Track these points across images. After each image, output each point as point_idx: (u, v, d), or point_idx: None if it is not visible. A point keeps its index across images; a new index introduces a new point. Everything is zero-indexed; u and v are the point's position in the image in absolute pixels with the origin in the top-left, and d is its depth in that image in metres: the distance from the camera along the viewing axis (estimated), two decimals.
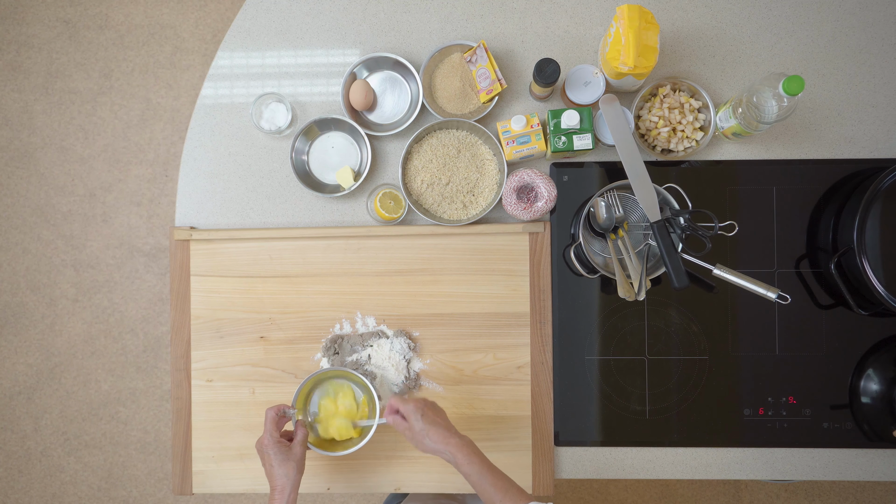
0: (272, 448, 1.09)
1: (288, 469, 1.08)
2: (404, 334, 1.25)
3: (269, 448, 1.09)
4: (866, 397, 1.23)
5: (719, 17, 1.27)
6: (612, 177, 1.26)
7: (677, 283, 1.14)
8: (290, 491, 1.07)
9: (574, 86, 1.22)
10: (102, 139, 2.19)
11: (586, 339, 1.26)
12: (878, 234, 1.16)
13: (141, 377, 2.18)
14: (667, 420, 1.25)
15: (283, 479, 1.07)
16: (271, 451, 1.09)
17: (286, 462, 1.08)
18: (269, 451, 1.09)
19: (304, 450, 1.12)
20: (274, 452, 1.08)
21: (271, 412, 1.12)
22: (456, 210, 1.25)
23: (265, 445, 1.09)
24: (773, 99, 1.07)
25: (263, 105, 1.27)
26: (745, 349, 1.25)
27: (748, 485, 2.09)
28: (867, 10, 1.26)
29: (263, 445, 1.10)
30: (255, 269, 1.27)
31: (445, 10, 1.29)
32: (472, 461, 1.03)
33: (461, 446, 1.04)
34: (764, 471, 1.26)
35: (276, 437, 1.10)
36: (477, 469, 1.02)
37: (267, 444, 1.09)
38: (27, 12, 2.21)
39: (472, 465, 1.03)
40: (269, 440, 1.10)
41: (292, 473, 1.08)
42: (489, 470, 1.02)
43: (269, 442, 1.09)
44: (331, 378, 1.22)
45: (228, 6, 2.20)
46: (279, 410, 1.13)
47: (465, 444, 1.05)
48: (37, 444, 2.19)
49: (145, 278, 2.18)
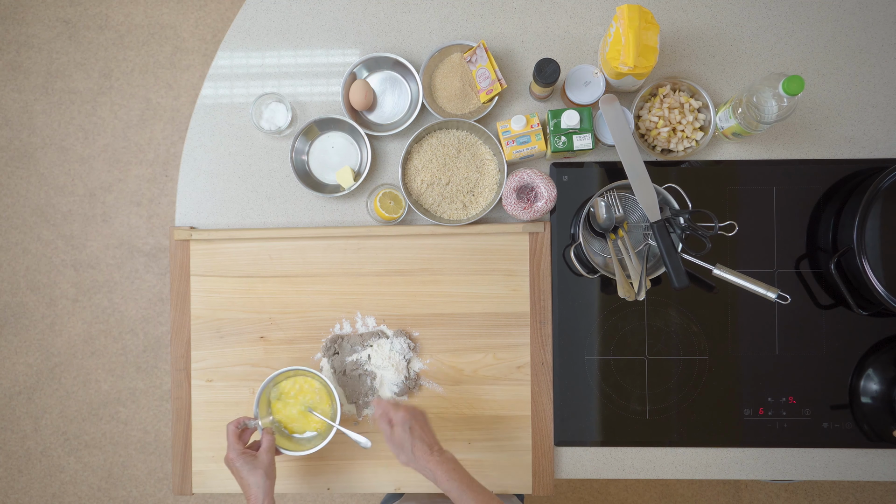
0: (238, 461, 1.10)
1: (257, 478, 1.08)
2: (404, 334, 1.25)
3: (235, 460, 1.10)
4: (866, 397, 1.23)
5: (719, 17, 1.27)
6: (612, 177, 1.26)
7: (677, 283, 1.14)
8: (263, 498, 1.08)
9: (574, 86, 1.22)
10: (102, 139, 2.19)
11: (586, 339, 1.26)
12: (878, 234, 1.16)
13: (141, 377, 2.18)
14: (667, 420, 1.25)
15: (255, 489, 1.08)
16: (238, 463, 1.10)
17: (254, 471, 1.09)
18: (236, 463, 1.10)
19: (272, 456, 1.12)
20: (241, 464, 1.09)
21: (231, 426, 1.13)
22: (456, 210, 1.25)
23: (230, 459, 1.10)
24: (773, 99, 1.07)
25: (263, 105, 1.27)
26: (744, 349, 1.25)
27: (748, 485, 2.09)
28: (867, 10, 1.26)
29: (229, 459, 1.11)
30: (255, 269, 1.27)
31: (445, 10, 1.29)
32: (452, 478, 1.03)
33: (441, 463, 1.04)
34: (764, 471, 1.26)
35: (239, 448, 1.11)
36: (457, 486, 1.02)
37: (232, 457, 1.10)
38: (27, 12, 2.21)
39: (451, 483, 1.03)
40: (233, 453, 1.10)
41: (262, 481, 1.08)
42: (469, 487, 1.02)
43: (233, 455, 1.10)
44: (290, 378, 1.21)
45: (228, 6, 2.20)
46: (239, 423, 1.14)
47: (446, 460, 1.05)
48: (37, 444, 2.19)
49: (145, 278, 2.18)
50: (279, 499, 2.17)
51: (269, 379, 1.18)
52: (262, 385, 1.18)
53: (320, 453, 1.24)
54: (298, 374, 1.21)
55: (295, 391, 1.21)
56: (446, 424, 1.25)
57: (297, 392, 1.21)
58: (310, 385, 1.21)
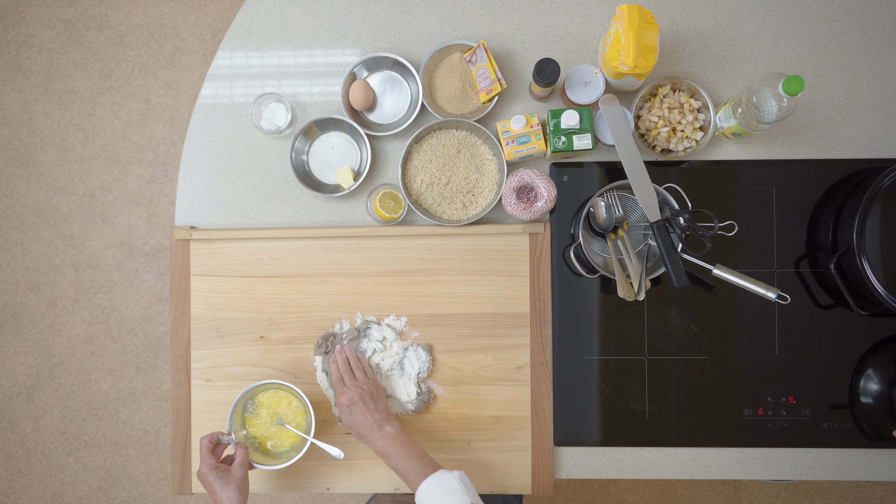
0: (210, 475, 1.10)
1: (230, 492, 1.08)
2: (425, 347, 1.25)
3: (208, 475, 1.10)
4: (866, 397, 1.23)
5: (719, 17, 1.27)
6: (611, 177, 1.26)
7: (677, 283, 1.14)
8: None
9: (574, 86, 1.22)
10: (102, 139, 2.19)
11: (586, 339, 1.26)
12: (878, 234, 1.16)
13: (141, 377, 2.18)
14: (666, 420, 1.25)
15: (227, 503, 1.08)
16: (210, 478, 1.09)
17: (227, 486, 1.09)
18: (209, 478, 1.10)
19: (245, 471, 1.12)
20: (213, 479, 1.09)
21: (204, 440, 1.13)
22: (456, 210, 1.25)
23: (203, 474, 1.11)
24: (773, 99, 1.07)
25: (263, 105, 1.27)
26: (744, 349, 1.25)
27: (748, 485, 2.09)
28: (867, 10, 1.26)
29: (202, 474, 1.11)
30: (255, 269, 1.27)
31: (445, 10, 1.29)
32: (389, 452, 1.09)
33: (381, 438, 1.10)
34: (764, 471, 1.26)
35: (212, 463, 1.11)
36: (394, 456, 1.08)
37: (204, 472, 1.10)
38: (27, 12, 2.21)
39: (389, 457, 1.09)
40: (205, 468, 1.11)
41: (234, 496, 1.08)
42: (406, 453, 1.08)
43: (206, 470, 1.10)
44: (264, 391, 1.21)
45: (228, 6, 2.20)
46: (213, 438, 1.14)
47: (385, 435, 1.10)
48: (37, 444, 2.19)
49: (145, 278, 2.18)
50: (279, 499, 2.17)
51: (242, 393, 1.17)
52: (236, 400, 1.17)
53: (319, 453, 1.24)
54: (270, 387, 1.20)
55: (269, 405, 1.20)
56: (446, 424, 1.25)
57: (271, 405, 1.20)
58: (284, 398, 1.20)
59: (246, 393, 1.18)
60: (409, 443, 1.10)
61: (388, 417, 1.14)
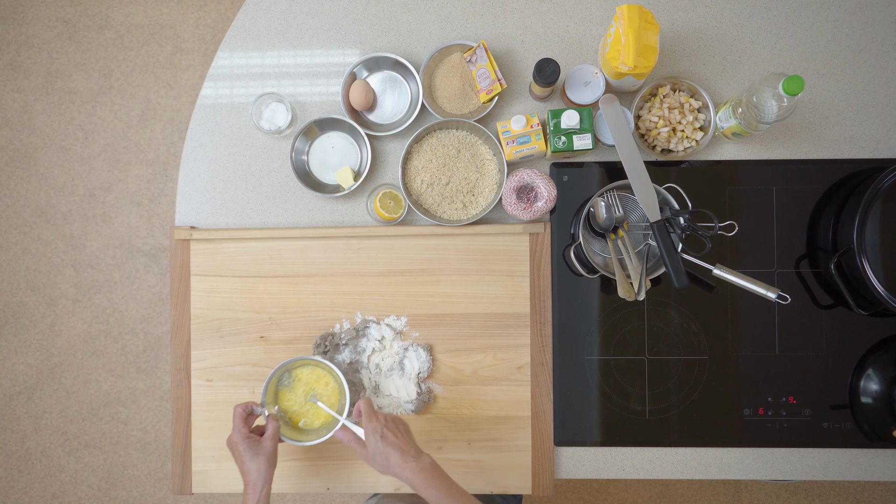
0: (242, 444, 1.08)
1: (259, 464, 1.07)
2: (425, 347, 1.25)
3: (239, 444, 1.08)
4: (866, 397, 1.23)
5: (719, 17, 1.27)
6: (612, 177, 1.26)
7: (677, 284, 1.14)
8: (263, 486, 1.06)
9: (574, 86, 1.22)
10: (102, 139, 2.19)
11: (586, 339, 1.26)
12: (878, 234, 1.16)
13: (141, 377, 2.18)
14: (667, 420, 1.25)
15: (255, 474, 1.06)
16: (241, 447, 1.08)
17: (256, 457, 1.07)
18: (239, 447, 1.08)
19: (276, 444, 1.11)
20: (244, 448, 1.08)
21: (238, 409, 1.12)
22: (456, 210, 1.25)
23: (234, 442, 1.09)
24: (773, 99, 1.07)
25: (263, 105, 1.27)
26: (744, 349, 1.25)
27: (748, 485, 2.09)
28: (867, 10, 1.26)
29: (233, 442, 1.09)
30: (256, 269, 1.27)
31: (445, 10, 1.29)
32: (430, 485, 1.01)
33: (417, 471, 1.02)
34: (764, 471, 1.26)
35: (244, 432, 1.10)
36: (434, 493, 1.01)
37: (236, 440, 1.09)
38: (27, 12, 2.21)
39: (429, 490, 1.01)
40: (237, 436, 1.09)
41: (263, 468, 1.07)
42: (448, 493, 1.01)
43: (237, 438, 1.09)
44: (299, 367, 1.20)
45: (228, 6, 2.20)
46: (247, 407, 1.13)
47: (422, 467, 1.03)
48: (37, 444, 2.19)
49: (145, 278, 2.18)
50: (279, 499, 2.17)
51: (280, 366, 1.16)
52: (272, 372, 1.16)
53: (320, 453, 1.24)
54: (310, 363, 1.19)
55: (306, 380, 1.20)
56: (446, 424, 1.25)
57: (308, 382, 1.20)
58: (322, 377, 1.20)
59: (284, 366, 1.17)
60: (449, 478, 1.05)
61: (420, 449, 1.08)
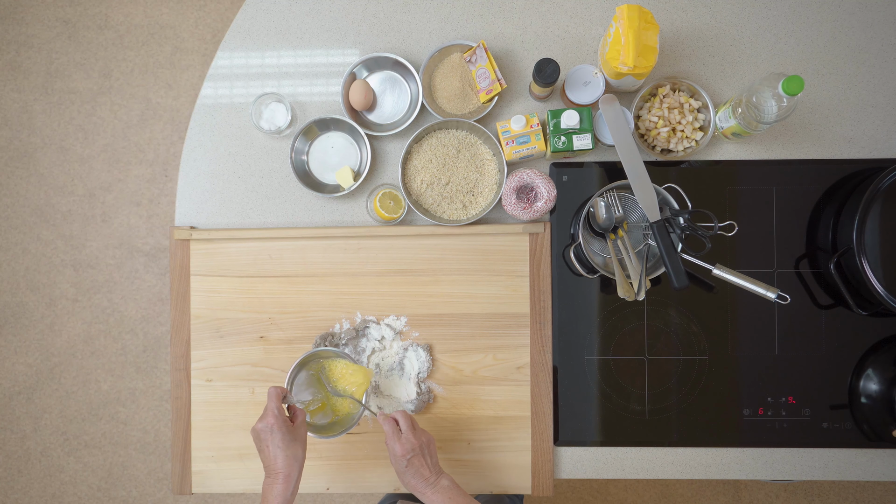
0: (281, 427, 0.99)
1: (296, 450, 0.99)
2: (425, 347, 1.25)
3: (277, 428, 0.98)
4: (866, 397, 1.23)
5: (719, 17, 1.27)
6: (611, 177, 1.26)
7: (677, 284, 1.14)
8: (298, 475, 0.99)
9: (574, 86, 1.22)
10: (102, 139, 2.19)
11: (586, 339, 1.26)
12: (877, 234, 1.16)
13: (141, 377, 2.18)
14: (666, 420, 1.25)
15: (291, 462, 0.98)
16: (280, 431, 0.98)
17: (294, 443, 0.99)
18: (277, 431, 0.98)
19: (306, 432, 1.07)
20: (283, 433, 0.98)
21: (276, 389, 1.02)
22: (456, 210, 1.25)
23: (271, 425, 0.99)
24: (773, 99, 1.07)
25: (263, 105, 1.27)
26: (744, 349, 1.25)
27: (748, 485, 2.09)
28: (867, 10, 1.27)
29: (269, 425, 0.99)
30: (255, 269, 1.27)
31: (445, 10, 1.29)
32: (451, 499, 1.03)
33: (438, 492, 1.04)
34: (763, 471, 1.26)
35: (282, 415, 1.00)
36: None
37: (273, 423, 0.99)
38: (27, 12, 2.21)
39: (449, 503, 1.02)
40: (273, 419, 0.99)
41: (301, 454, 1.00)
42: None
43: (273, 420, 0.99)
44: (319, 359, 1.18)
45: (228, 6, 2.20)
46: (281, 391, 1.05)
47: (441, 489, 1.04)
48: (37, 444, 2.19)
49: (145, 278, 2.18)
50: None
51: (306, 354, 1.14)
52: (295, 363, 1.13)
53: (320, 453, 1.24)
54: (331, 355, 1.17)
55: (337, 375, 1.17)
56: (446, 424, 1.25)
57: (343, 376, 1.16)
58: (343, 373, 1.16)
59: (310, 353, 1.15)
60: (466, 496, 1.05)
61: (441, 469, 1.08)
